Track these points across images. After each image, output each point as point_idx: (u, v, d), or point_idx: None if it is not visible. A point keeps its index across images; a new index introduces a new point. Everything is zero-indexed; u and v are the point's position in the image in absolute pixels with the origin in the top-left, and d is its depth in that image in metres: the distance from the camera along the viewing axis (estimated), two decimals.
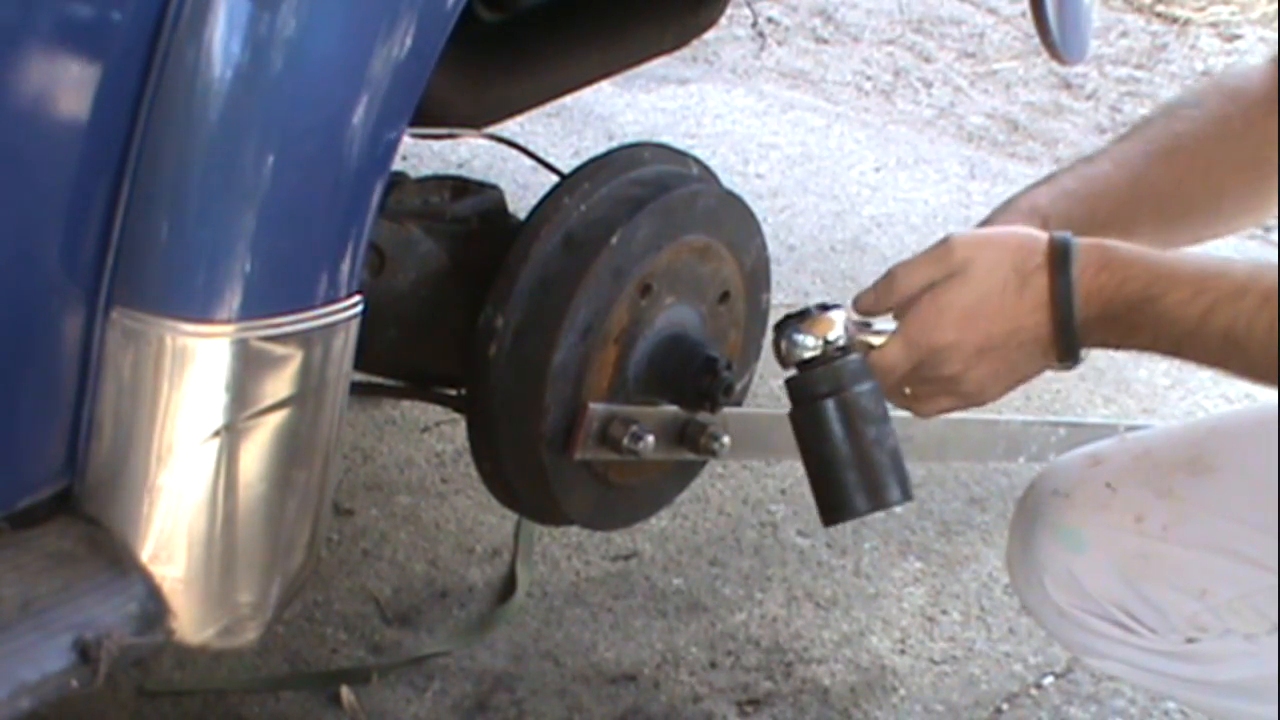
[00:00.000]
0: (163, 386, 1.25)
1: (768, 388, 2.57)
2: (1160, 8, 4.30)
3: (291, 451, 1.30)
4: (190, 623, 1.30)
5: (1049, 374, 1.39)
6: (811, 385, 1.37)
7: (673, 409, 1.64)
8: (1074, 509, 1.48)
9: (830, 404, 1.36)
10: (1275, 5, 4.30)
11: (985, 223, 1.46)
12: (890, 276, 1.39)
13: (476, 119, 1.85)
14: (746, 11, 4.04)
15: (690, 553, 2.22)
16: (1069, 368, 1.36)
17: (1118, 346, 1.36)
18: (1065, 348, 1.34)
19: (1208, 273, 1.30)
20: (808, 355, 1.37)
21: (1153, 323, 1.31)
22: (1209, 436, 1.50)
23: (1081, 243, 1.33)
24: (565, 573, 2.16)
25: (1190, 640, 1.46)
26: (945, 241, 1.37)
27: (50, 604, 1.25)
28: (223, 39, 1.20)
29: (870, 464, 1.37)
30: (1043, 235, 1.34)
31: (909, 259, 1.40)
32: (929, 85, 3.88)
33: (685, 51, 2.22)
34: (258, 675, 1.92)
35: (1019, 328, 1.34)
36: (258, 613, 1.33)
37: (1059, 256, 1.32)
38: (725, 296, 1.69)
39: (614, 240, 1.56)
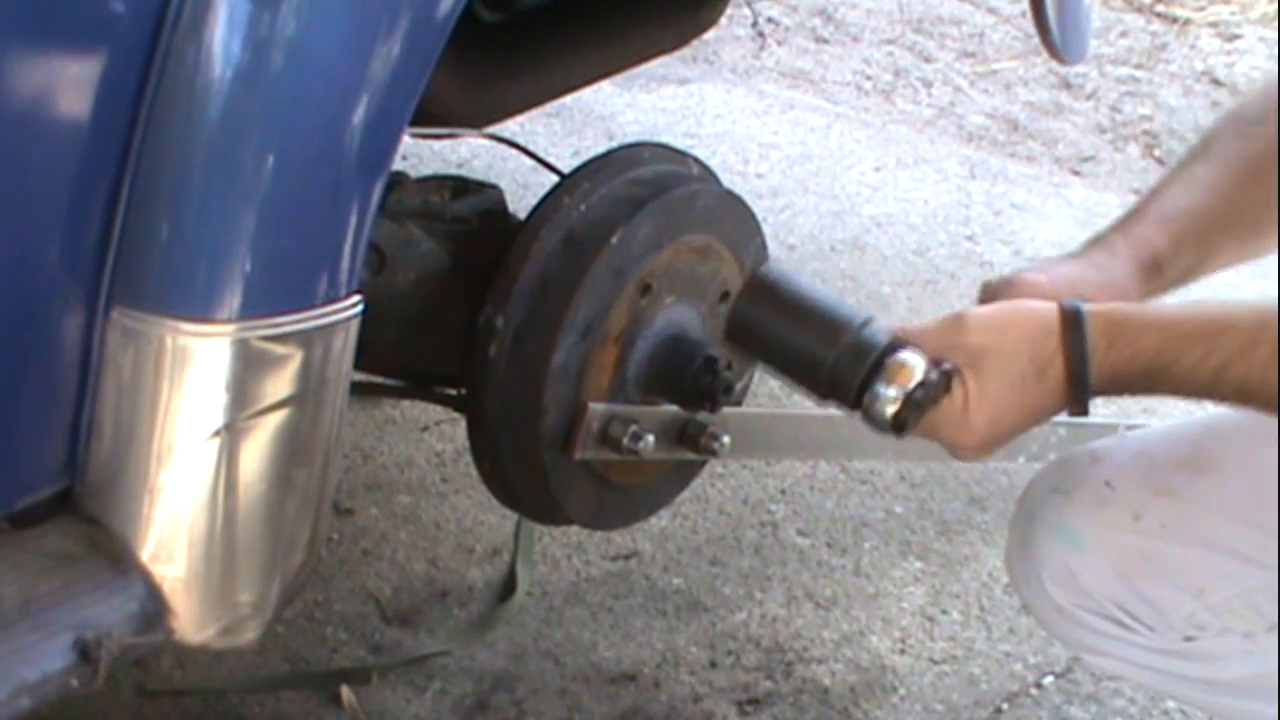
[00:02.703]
0: (163, 386, 1.25)
1: (768, 388, 2.57)
2: (1160, 8, 4.30)
3: (291, 451, 1.30)
4: (190, 622, 1.30)
5: None
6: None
7: (673, 409, 1.65)
8: (1073, 507, 1.49)
9: None
10: (1275, 5, 4.30)
11: (1092, 245, 1.46)
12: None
13: (476, 119, 1.85)
14: (746, 11, 4.04)
15: (690, 553, 2.22)
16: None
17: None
18: (1079, 409, 1.35)
19: (1217, 326, 1.30)
20: (890, 410, 1.33)
21: (1167, 384, 1.32)
22: (1208, 435, 1.50)
23: (1091, 316, 1.32)
24: (565, 572, 2.15)
25: (1188, 638, 1.46)
26: (959, 321, 1.35)
27: (50, 604, 1.25)
28: (223, 39, 1.20)
29: None
30: (1052, 312, 1.33)
31: (916, 330, 1.37)
32: (929, 85, 3.88)
33: (685, 51, 2.22)
34: (258, 675, 1.92)
35: (1039, 412, 1.35)
36: (258, 612, 1.33)
37: (1073, 333, 1.32)
38: (725, 296, 1.69)
39: (614, 240, 1.56)
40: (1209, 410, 1.45)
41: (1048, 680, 2.06)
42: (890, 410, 1.33)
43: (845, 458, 2.37)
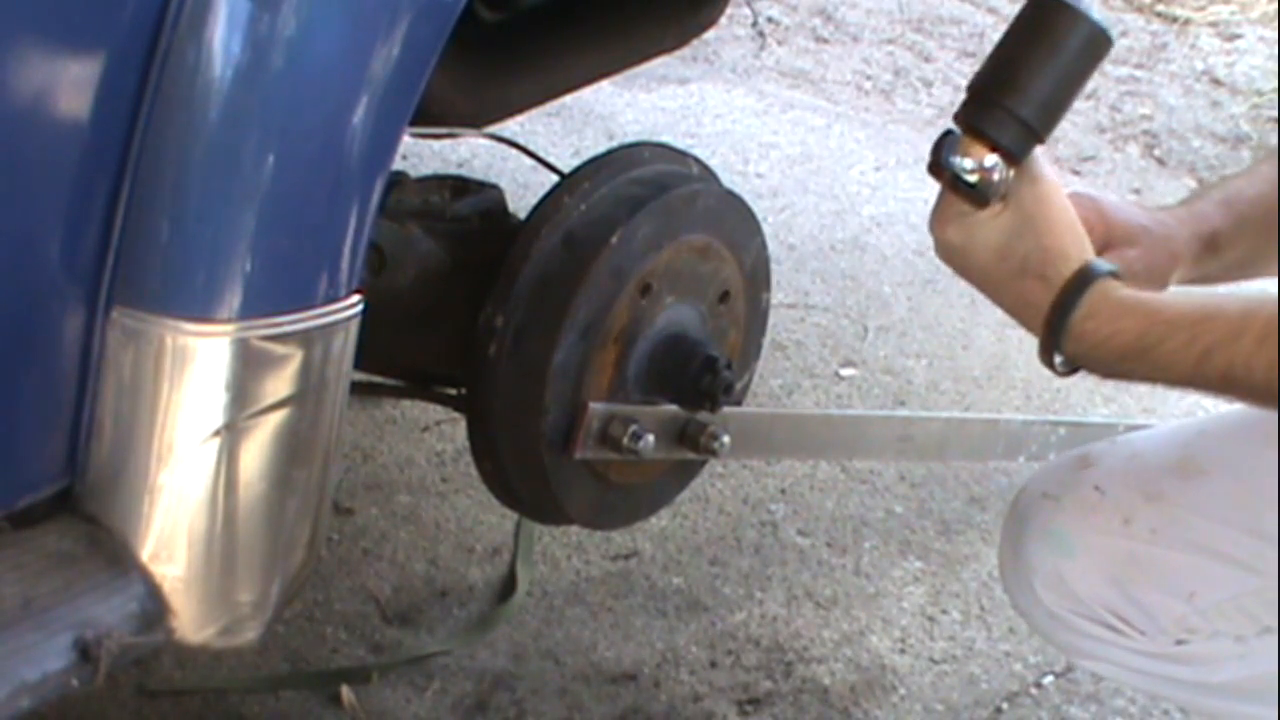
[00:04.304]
0: (163, 386, 1.25)
1: (768, 388, 2.57)
2: (1160, 8, 4.30)
3: (291, 451, 1.30)
4: (190, 622, 1.30)
5: (1049, 374, 1.40)
6: None
7: (673, 409, 1.65)
8: (1063, 512, 1.49)
9: None
10: (1275, 5, 4.30)
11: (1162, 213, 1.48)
12: None
13: (476, 119, 1.85)
14: (746, 11, 4.04)
15: (690, 552, 2.22)
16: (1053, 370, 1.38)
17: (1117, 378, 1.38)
18: (1048, 360, 1.36)
19: (1202, 314, 1.30)
20: (963, 175, 1.35)
21: (1148, 368, 1.32)
22: (1198, 439, 1.50)
23: (1096, 284, 1.33)
24: (565, 572, 2.16)
25: (1180, 642, 1.46)
26: (1035, 174, 1.36)
27: (50, 603, 1.25)
28: (223, 39, 1.20)
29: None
30: (1083, 254, 1.34)
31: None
32: (929, 85, 3.88)
33: (685, 51, 2.22)
34: (258, 675, 1.92)
35: (999, 297, 1.37)
36: (258, 612, 1.33)
37: (1074, 288, 1.33)
38: (725, 296, 1.69)
39: (614, 240, 1.56)
40: (1211, 412, 1.45)
41: (1048, 680, 2.06)
42: (970, 176, 1.36)
43: (845, 458, 2.37)
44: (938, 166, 1.37)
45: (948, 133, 1.38)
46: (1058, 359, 1.36)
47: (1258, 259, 1.48)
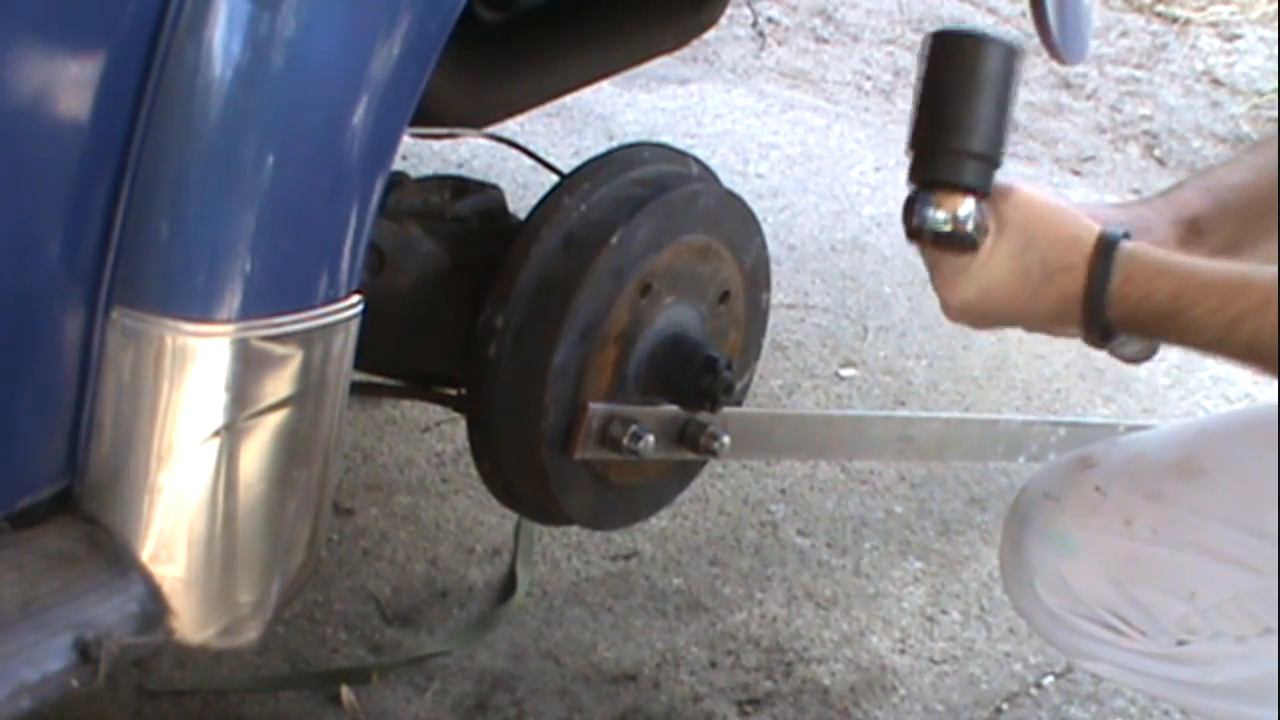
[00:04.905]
0: (163, 386, 1.25)
1: (768, 388, 2.57)
2: (1160, 8, 4.30)
3: (291, 451, 1.30)
4: (190, 622, 1.30)
5: (1049, 374, 1.40)
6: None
7: (673, 409, 1.64)
8: (1064, 513, 1.49)
9: None
10: (1275, 5, 4.30)
11: (1137, 207, 1.47)
12: None
13: (476, 119, 1.85)
14: (746, 11, 4.04)
15: (690, 553, 2.22)
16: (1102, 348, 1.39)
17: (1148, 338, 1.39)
18: (1093, 336, 1.36)
19: (1234, 283, 1.31)
20: (942, 229, 1.35)
21: (1178, 330, 1.33)
22: (1199, 439, 1.50)
23: (1121, 247, 1.33)
24: (565, 573, 2.16)
25: (1181, 643, 1.46)
26: (1009, 189, 1.37)
27: (50, 604, 1.25)
28: (223, 39, 1.20)
29: None
30: (1092, 232, 1.34)
31: None
32: None
33: (685, 51, 2.22)
34: (258, 675, 1.92)
35: (1031, 313, 1.37)
36: (258, 612, 1.33)
37: (1102, 258, 1.33)
38: (725, 296, 1.69)
39: (614, 240, 1.56)
40: (1211, 412, 1.45)
41: (1048, 680, 2.06)
42: (943, 227, 1.35)
43: (845, 458, 2.37)
44: (916, 231, 1.37)
45: (911, 198, 1.37)
46: (1113, 340, 1.36)
47: (1242, 242, 1.48)
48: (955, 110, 1.36)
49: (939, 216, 1.35)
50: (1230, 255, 1.49)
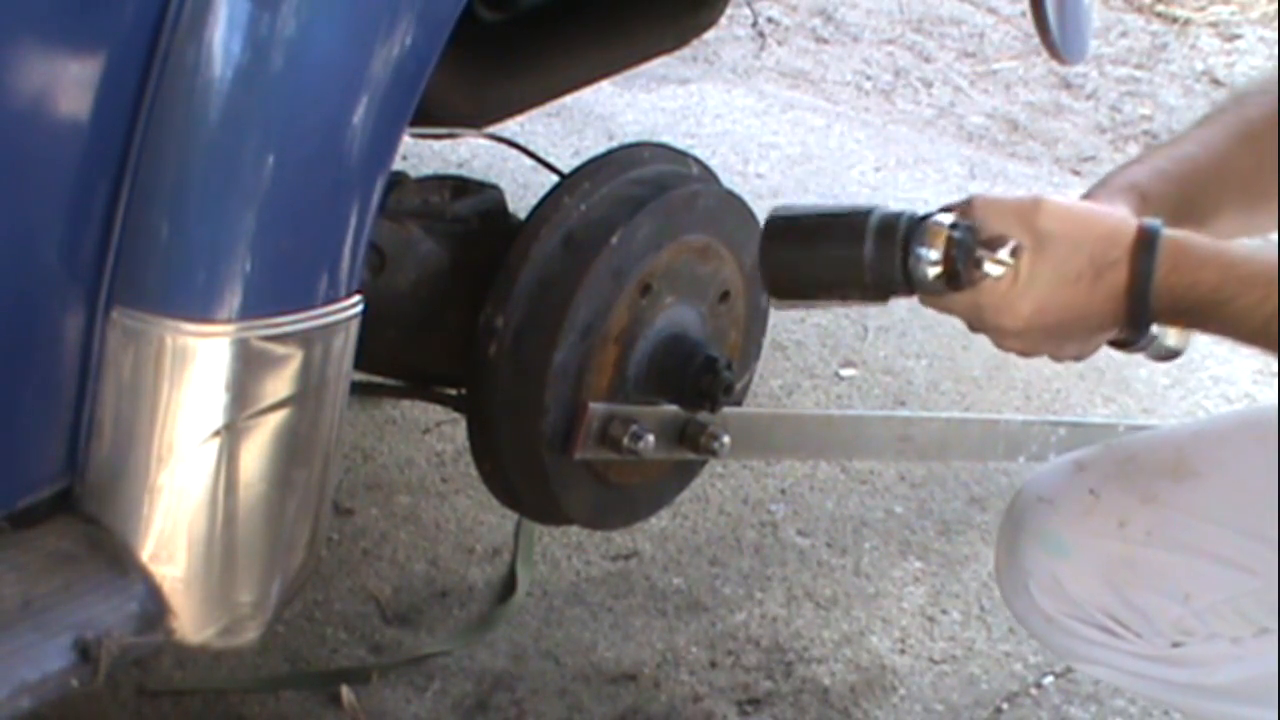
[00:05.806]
0: (163, 386, 1.25)
1: (768, 388, 2.57)
2: (1160, 8, 4.30)
3: (291, 451, 1.30)
4: (190, 622, 1.30)
5: (1049, 374, 1.40)
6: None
7: (673, 409, 1.65)
8: (1058, 515, 1.49)
9: None
10: (1275, 5, 4.30)
11: (1085, 198, 1.45)
12: (970, 206, 1.35)
13: (476, 119, 1.85)
14: (746, 11, 4.04)
15: (690, 553, 2.22)
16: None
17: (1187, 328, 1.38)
18: (1134, 330, 1.34)
19: (1277, 275, 1.30)
20: (935, 270, 1.32)
21: (1219, 322, 1.32)
22: (1193, 441, 1.50)
23: (1162, 237, 1.32)
24: (565, 573, 2.15)
25: (1176, 644, 1.46)
26: (1036, 202, 1.33)
27: (50, 604, 1.25)
28: (223, 39, 1.20)
29: None
30: (1129, 224, 1.33)
31: (992, 197, 1.36)
32: (929, 85, 3.88)
33: (685, 51, 2.22)
34: (258, 675, 1.92)
35: (1089, 315, 1.33)
36: (258, 612, 1.33)
37: (1144, 250, 1.31)
38: (725, 296, 1.69)
39: (614, 240, 1.56)
40: (1210, 412, 1.45)
41: (1048, 680, 2.06)
42: (935, 270, 1.32)
43: (845, 458, 2.37)
44: (932, 277, 1.33)
45: (904, 259, 1.34)
46: (1146, 338, 1.35)
47: (1195, 216, 1.45)
48: (829, 256, 1.35)
49: (932, 255, 1.32)
50: (1179, 226, 1.47)
